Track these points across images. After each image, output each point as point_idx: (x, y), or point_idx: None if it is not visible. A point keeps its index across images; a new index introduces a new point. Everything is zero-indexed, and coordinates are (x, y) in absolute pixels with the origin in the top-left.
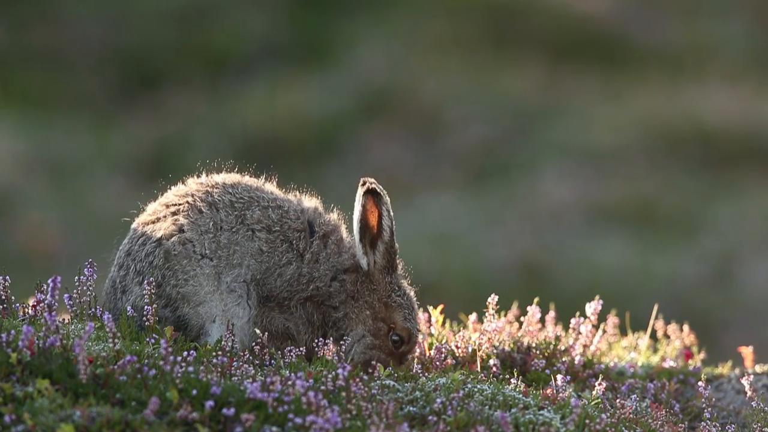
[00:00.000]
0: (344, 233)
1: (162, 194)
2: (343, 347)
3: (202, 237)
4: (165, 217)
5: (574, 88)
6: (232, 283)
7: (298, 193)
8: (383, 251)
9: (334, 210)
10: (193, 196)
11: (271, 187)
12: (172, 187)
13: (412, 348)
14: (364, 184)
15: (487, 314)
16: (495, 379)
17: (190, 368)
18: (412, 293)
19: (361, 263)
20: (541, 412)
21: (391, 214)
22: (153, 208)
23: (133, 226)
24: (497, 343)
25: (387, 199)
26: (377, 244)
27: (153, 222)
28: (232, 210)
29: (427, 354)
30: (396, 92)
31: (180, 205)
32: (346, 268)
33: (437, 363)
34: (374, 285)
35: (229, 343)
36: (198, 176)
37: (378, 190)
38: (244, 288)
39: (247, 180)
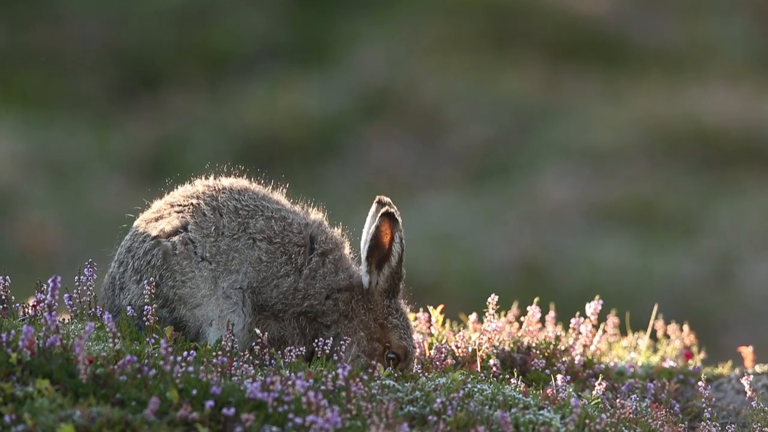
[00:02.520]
0: (346, 250)
1: (168, 192)
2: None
3: (204, 240)
4: (169, 215)
5: (574, 88)
6: (228, 289)
7: (305, 204)
8: (388, 275)
9: (339, 225)
10: (198, 198)
11: (278, 197)
12: (179, 187)
13: (408, 365)
14: (382, 204)
15: (487, 314)
16: (495, 379)
17: (190, 368)
18: (408, 312)
19: (363, 281)
20: (541, 412)
21: (404, 241)
22: (157, 206)
23: (136, 222)
24: (497, 343)
25: (401, 225)
26: (384, 267)
27: (155, 220)
28: (236, 216)
29: (427, 354)
30: (396, 92)
31: (185, 206)
32: (340, 287)
33: (437, 363)
34: (371, 305)
35: (229, 344)
36: (206, 178)
37: (396, 216)
38: (240, 295)
39: (255, 187)
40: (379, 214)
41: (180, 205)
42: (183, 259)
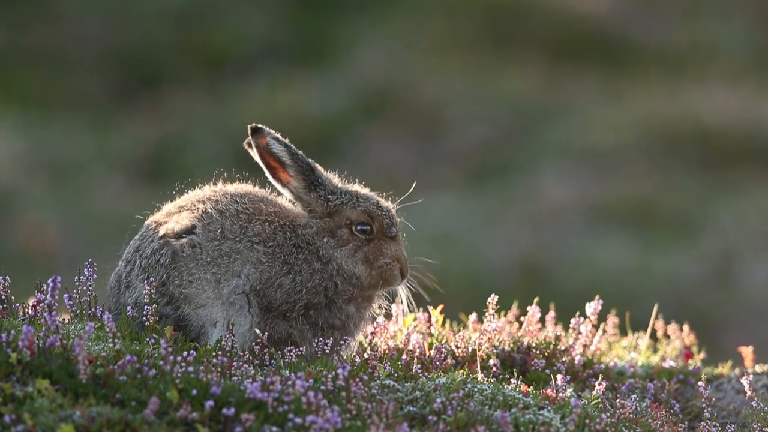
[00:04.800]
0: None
1: (177, 195)
2: (343, 348)
3: (209, 243)
4: (179, 219)
5: (574, 88)
6: (231, 295)
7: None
8: (293, 174)
9: None
10: (205, 202)
11: (276, 200)
12: (188, 190)
13: (385, 221)
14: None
15: (487, 314)
16: (495, 379)
17: (190, 368)
18: (355, 187)
19: (291, 198)
20: (541, 412)
21: (281, 139)
22: (167, 209)
23: (146, 223)
24: (497, 343)
25: (271, 130)
26: (287, 171)
27: (165, 222)
28: (237, 220)
29: (427, 354)
30: (396, 92)
31: (193, 209)
32: (309, 242)
33: (437, 363)
34: (309, 209)
35: (229, 343)
36: (214, 183)
37: (258, 126)
38: (244, 299)
39: (255, 191)
40: (250, 137)
41: (188, 209)
42: (190, 261)
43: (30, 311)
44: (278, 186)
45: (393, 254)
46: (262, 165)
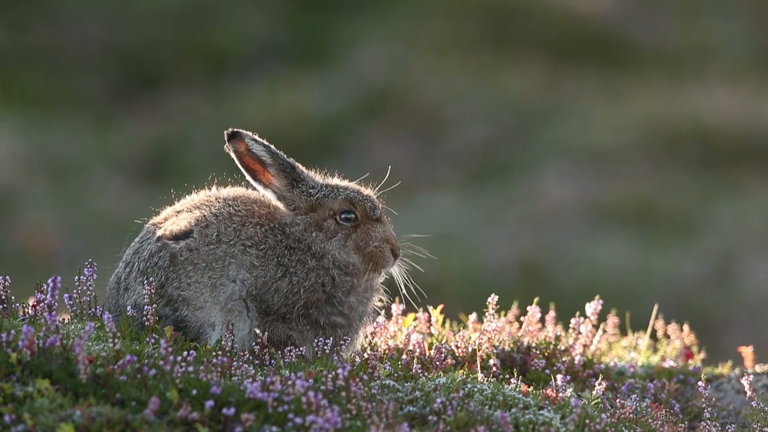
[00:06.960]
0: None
1: (174, 197)
2: (344, 348)
3: (206, 248)
4: (176, 221)
5: (574, 88)
6: (228, 302)
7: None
8: (274, 173)
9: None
10: (200, 207)
11: (270, 201)
12: (186, 194)
13: (367, 205)
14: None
15: (487, 314)
16: (495, 379)
17: (190, 368)
18: (334, 180)
19: (273, 200)
20: (541, 412)
21: (259, 140)
22: (166, 213)
23: (146, 226)
24: (497, 343)
25: (249, 132)
26: (268, 171)
27: (164, 225)
28: (230, 223)
29: (427, 354)
30: (396, 92)
31: (191, 212)
32: (303, 248)
33: (437, 363)
34: (294, 206)
35: (229, 343)
36: (209, 187)
37: (235, 130)
38: (242, 305)
39: (249, 193)
40: (227, 143)
41: (187, 212)
42: (188, 264)
43: (30, 311)
44: (260, 188)
45: (381, 236)
46: (242, 169)
